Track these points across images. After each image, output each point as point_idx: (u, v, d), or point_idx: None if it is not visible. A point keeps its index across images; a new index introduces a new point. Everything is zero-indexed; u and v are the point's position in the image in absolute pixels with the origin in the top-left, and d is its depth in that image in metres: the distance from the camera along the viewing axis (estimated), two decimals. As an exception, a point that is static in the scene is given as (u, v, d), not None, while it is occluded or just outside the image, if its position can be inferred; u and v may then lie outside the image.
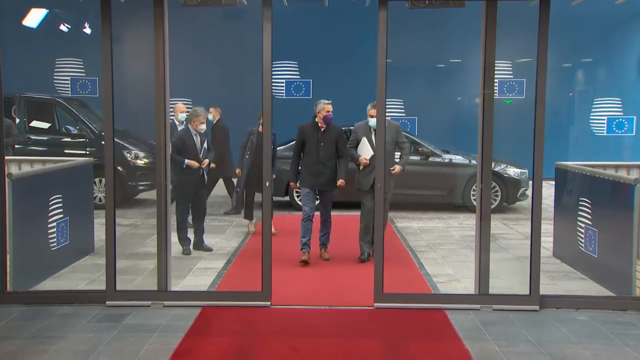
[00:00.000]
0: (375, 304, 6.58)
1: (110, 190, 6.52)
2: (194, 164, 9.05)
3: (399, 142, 8.83)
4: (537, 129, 6.39)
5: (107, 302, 6.54)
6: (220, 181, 11.92)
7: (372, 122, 8.34)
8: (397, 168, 8.75)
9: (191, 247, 9.11)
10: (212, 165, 10.13)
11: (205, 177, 9.36)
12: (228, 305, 6.57)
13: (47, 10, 15.34)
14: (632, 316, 6.55)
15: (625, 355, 5.56)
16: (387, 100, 6.43)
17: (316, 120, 8.58)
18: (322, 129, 8.57)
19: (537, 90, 6.49)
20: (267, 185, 6.72)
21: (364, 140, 8.68)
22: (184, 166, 8.98)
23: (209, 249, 9.19)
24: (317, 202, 8.93)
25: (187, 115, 9.65)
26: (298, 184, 8.91)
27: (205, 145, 9.27)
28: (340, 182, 8.64)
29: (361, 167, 8.71)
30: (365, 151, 8.64)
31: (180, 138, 9.18)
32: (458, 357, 5.45)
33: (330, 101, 8.53)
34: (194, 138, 9.08)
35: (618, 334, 6.03)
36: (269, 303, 6.61)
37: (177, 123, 10.31)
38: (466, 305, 6.60)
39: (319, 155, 8.53)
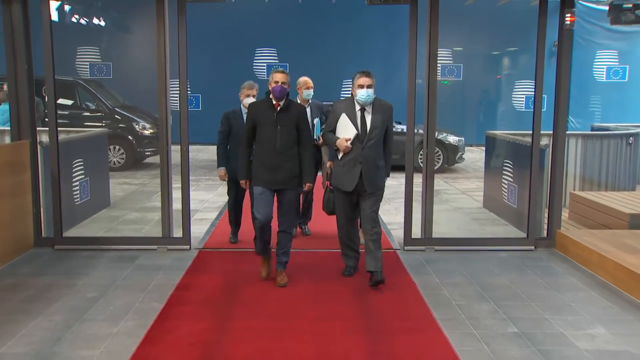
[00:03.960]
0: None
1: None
2: (221, 173, 6.65)
3: (388, 129, 5.59)
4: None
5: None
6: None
7: (362, 94, 5.39)
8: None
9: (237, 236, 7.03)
10: None
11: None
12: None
13: (59, 2, 15.09)
14: (540, 252, 6.73)
15: (534, 282, 5.73)
16: (348, 80, 6.40)
17: (270, 96, 5.47)
18: (279, 108, 5.42)
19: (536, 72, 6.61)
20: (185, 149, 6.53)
21: (343, 116, 5.47)
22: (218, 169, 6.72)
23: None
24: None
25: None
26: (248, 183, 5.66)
27: None
28: (307, 186, 5.54)
29: (340, 155, 5.54)
30: (346, 130, 5.47)
31: (225, 117, 6.58)
32: (406, 287, 5.56)
33: (282, 69, 5.51)
34: (243, 117, 6.28)
35: (530, 266, 6.21)
36: (189, 247, 6.68)
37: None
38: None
39: (276, 142, 5.36)
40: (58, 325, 4.60)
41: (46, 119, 6.70)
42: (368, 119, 5.47)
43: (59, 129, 6.69)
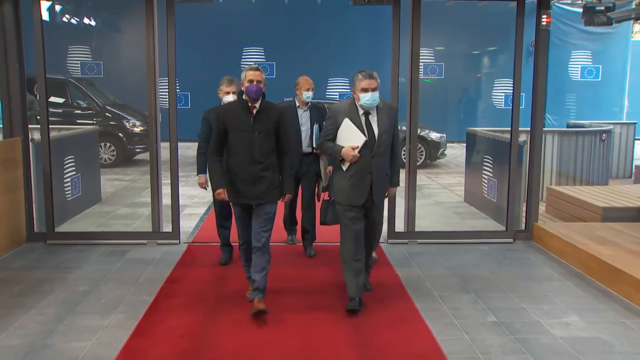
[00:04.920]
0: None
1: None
2: (201, 180, 5.73)
3: (394, 133, 4.77)
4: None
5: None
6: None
7: (367, 98, 4.54)
8: (392, 191, 5.06)
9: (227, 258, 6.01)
10: None
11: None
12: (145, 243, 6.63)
13: (50, 3, 14.95)
14: (519, 244, 6.79)
15: (513, 273, 5.78)
16: (333, 78, 6.25)
17: (244, 97, 4.55)
18: (255, 111, 4.54)
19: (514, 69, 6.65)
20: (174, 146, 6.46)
21: (347, 122, 4.60)
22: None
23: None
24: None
25: None
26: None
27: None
28: (287, 197, 4.74)
29: (346, 166, 4.66)
30: (351, 137, 4.59)
31: (205, 117, 5.61)
32: (390, 279, 5.56)
33: (257, 66, 4.63)
34: None
35: (508, 258, 6.26)
36: (178, 242, 6.66)
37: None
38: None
39: (253, 151, 4.50)
40: (50, 318, 4.57)
41: (38, 117, 6.67)
42: (374, 122, 4.65)
43: (50, 126, 6.64)
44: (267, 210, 4.65)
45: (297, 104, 6.08)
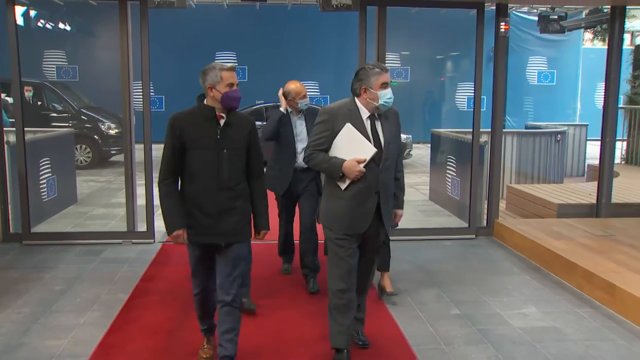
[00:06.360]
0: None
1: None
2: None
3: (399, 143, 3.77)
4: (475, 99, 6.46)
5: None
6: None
7: (387, 96, 3.49)
8: (400, 214, 4.02)
9: None
10: None
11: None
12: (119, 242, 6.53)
13: (25, 8, 14.65)
14: (480, 240, 6.86)
15: (475, 268, 5.85)
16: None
17: (205, 102, 3.40)
18: (222, 121, 3.37)
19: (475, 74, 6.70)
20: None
21: (348, 128, 3.47)
22: None
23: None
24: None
25: None
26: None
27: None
28: (262, 233, 3.62)
29: (346, 184, 3.50)
30: (355, 147, 3.46)
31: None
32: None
33: (234, 65, 3.45)
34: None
35: (471, 253, 6.33)
36: (153, 241, 6.59)
37: None
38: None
39: (221, 173, 3.36)
40: (26, 317, 4.48)
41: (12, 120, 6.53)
42: (379, 129, 3.56)
43: (25, 128, 6.51)
44: (236, 252, 3.47)
45: (290, 110, 5.12)
